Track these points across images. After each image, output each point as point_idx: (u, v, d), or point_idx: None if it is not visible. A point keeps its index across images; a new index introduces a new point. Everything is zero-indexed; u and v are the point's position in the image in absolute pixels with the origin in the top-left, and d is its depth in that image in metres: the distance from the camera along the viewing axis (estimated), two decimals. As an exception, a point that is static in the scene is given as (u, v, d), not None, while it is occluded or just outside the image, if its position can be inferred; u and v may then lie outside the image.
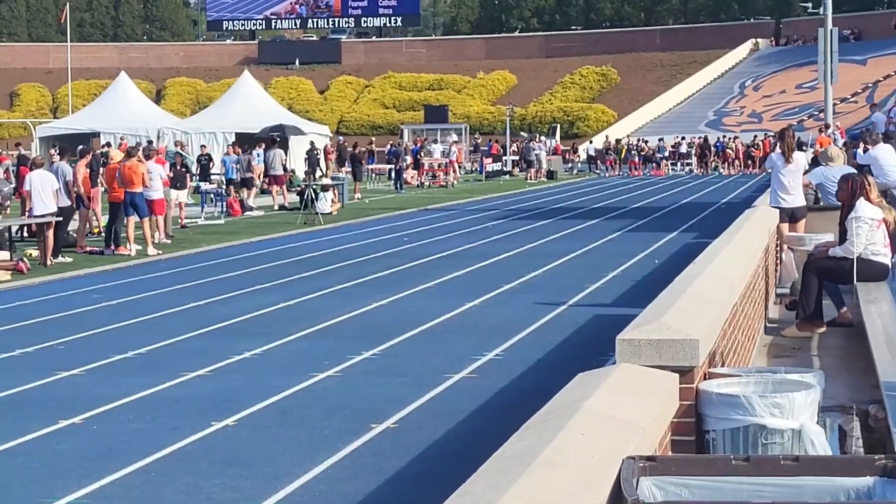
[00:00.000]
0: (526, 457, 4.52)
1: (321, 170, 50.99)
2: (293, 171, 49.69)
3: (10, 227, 25.96)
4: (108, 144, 34.31)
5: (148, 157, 31.26)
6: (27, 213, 26.46)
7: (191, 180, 39.68)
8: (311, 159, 48.12)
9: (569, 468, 4.46)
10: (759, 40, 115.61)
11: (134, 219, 27.66)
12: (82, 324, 17.26)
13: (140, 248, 27.94)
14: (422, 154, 62.09)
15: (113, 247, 27.21)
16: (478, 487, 4.26)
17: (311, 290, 20.49)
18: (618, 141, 79.80)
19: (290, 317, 17.66)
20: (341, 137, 70.75)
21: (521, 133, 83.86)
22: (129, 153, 28.82)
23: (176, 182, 33.93)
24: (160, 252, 26.87)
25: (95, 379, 13.36)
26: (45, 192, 25.63)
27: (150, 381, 13.03)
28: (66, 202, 26.80)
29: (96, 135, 57.60)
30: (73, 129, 59.79)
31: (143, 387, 12.73)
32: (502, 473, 4.35)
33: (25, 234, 29.29)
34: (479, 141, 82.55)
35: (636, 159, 74.20)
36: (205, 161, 45.70)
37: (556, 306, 18.06)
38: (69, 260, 25.79)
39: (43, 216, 25.36)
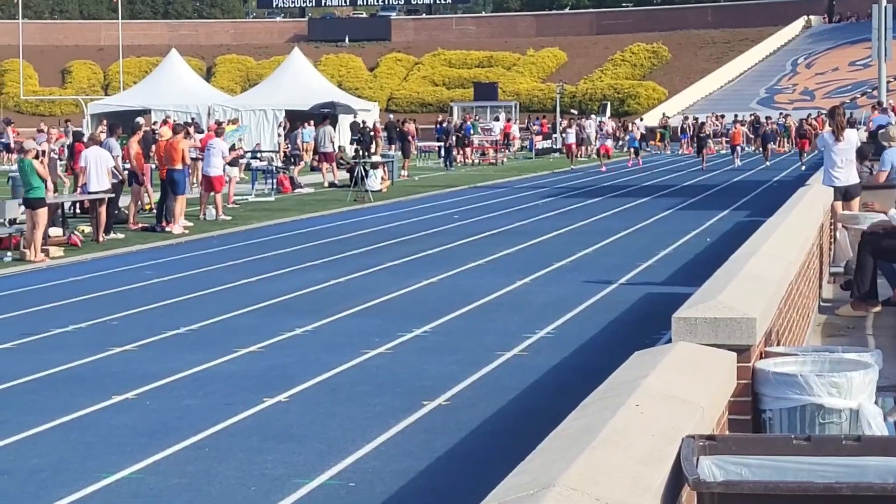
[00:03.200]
0: (585, 435, 4.49)
1: (375, 146, 51.00)
2: (342, 149, 49.73)
3: (63, 204, 26.09)
4: (165, 121, 34.33)
5: (218, 135, 31.41)
6: (80, 190, 26.60)
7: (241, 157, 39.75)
8: (365, 137, 48.09)
9: (628, 447, 4.42)
10: (812, 17, 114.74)
11: (185, 195, 27.77)
12: (134, 300, 17.34)
13: (191, 224, 28.08)
14: (479, 130, 62.01)
15: (164, 223, 27.30)
16: (536, 465, 4.23)
17: (361, 267, 20.51)
18: (666, 118, 79.39)
19: (341, 294, 17.68)
20: (391, 115, 70.63)
21: (572, 111, 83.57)
22: (175, 130, 28.92)
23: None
24: (186, 231, 26.87)
25: (148, 355, 13.42)
26: (99, 168, 25.75)
27: (203, 356, 13.09)
28: (115, 178, 26.88)
29: (147, 112, 57.73)
30: (123, 106, 59.97)
31: (195, 363, 12.78)
32: (561, 451, 4.32)
33: (78, 210, 29.44)
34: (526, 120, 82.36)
35: (686, 137, 73.73)
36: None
37: (606, 284, 18.00)
38: (121, 236, 25.91)
39: (96, 193, 25.49)
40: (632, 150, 56.86)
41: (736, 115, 71.04)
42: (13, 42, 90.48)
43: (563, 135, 60.12)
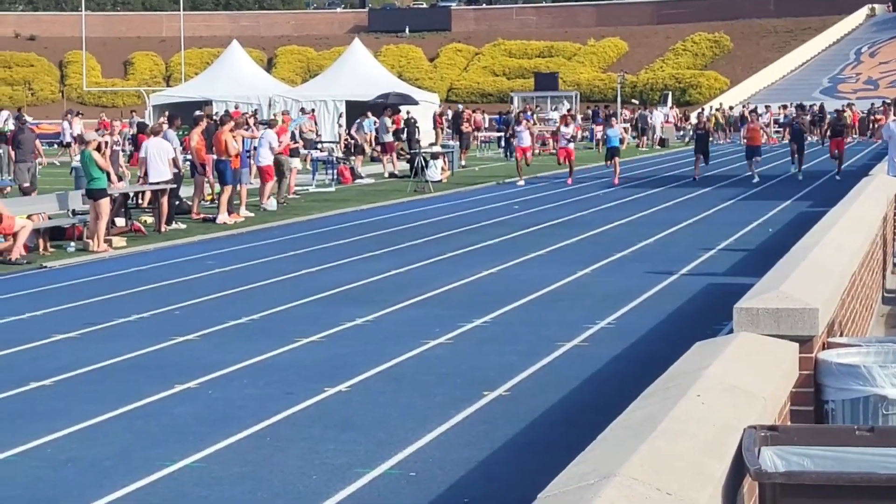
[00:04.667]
0: (646, 425, 4.48)
1: (436, 137, 50.99)
2: (401, 139, 49.77)
3: (126, 194, 26.28)
4: (227, 112, 34.54)
5: (271, 126, 31.57)
6: (142, 180, 26.79)
7: (304, 148, 39.87)
8: (409, 129, 48.03)
9: (690, 437, 4.41)
10: (876, 6, 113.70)
11: (247, 186, 27.92)
12: (196, 290, 17.45)
13: (252, 214, 28.22)
14: (535, 120, 61.87)
15: (229, 213, 27.43)
16: (597, 455, 4.23)
17: (421, 257, 20.54)
18: (731, 108, 78.91)
19: (401, 284, 17.71)
20: (461, 105, 70.56)
21: (633, 101, 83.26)
22: (222, 121, 29.09)
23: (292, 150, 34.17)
24: (227, 221, 26.96)
25: (210, 344, 13.50)
26: (160, 159, 25.92)
27: (264, 346, 13.15)
28: (175, 169, 27.00)
29: (208, 103, 58.08)
30: (185, 97, 60.37)
31: (256, 352, 12.84)
32: (622, 441, 4.31)
33: (140, 201, 29.64)
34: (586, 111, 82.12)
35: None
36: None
37: (668, 275, 17.93)
38: (183, 227, 26.08)
39: (157, 183, 25.67)
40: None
41: (745, 106, 67.30)
42: (76, 34, 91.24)
43: (514, 139, 42.26)
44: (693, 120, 76.22)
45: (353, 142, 46.55)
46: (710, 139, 48.00)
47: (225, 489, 8.28)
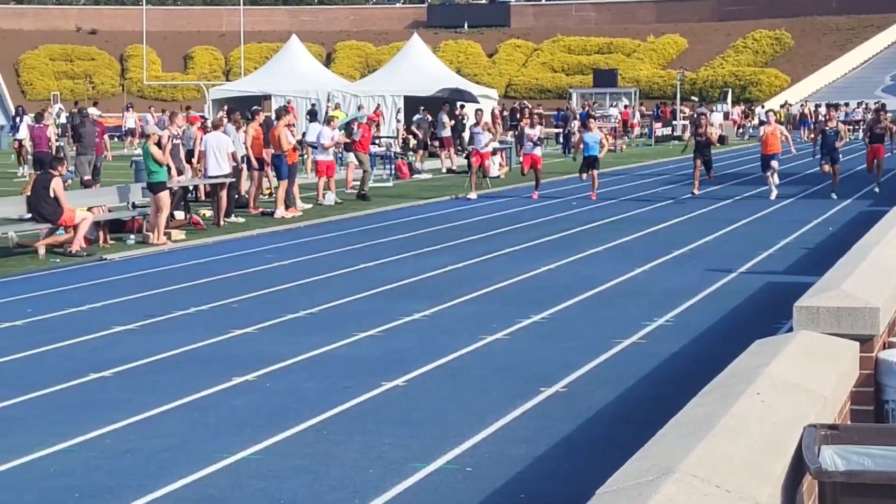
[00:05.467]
0: (705, 422, 4.47)
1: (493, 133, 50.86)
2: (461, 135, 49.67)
3: (186, 188, 26.42)
4: (283, 107, 34.69)
5: (328, 122, 31.68)
6: (201, 174, 26.93)
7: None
8: (457, 126, 47.93)
9: (749, 435, 4.39)
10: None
11: (299, 179, 28.06)
12: (255, 283, 17.53)
13: (309, 207, 28.31)
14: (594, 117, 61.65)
15: (285, 207, 27.54)
16: (656, 452, 4.22)
17: (479, 253, 20.54)
18: (789, 105, 78.37)
19: (459, 279, 17.72)
20: (526, 102, 70.40)
21: (692, 98, 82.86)
22: (277, 115, 29.19)
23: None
24: (284, 216, 27.03)
25: (268, 337, 13.56)
26: (219, 153, 26.04)
27: (322, 340, 13.20)
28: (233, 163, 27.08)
29: (267, 97, 58.24)
30: (244, 91, 60.50)
31: (314, 346, 12.89)
32: (681, 438, 4.30)
33: (200, 194, 29.79)
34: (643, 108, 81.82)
35: (810, 125, 72.73)
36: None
37: (726, 273, 17.84)
38: (241, 220, 26.19)
39: (216, 177, 25.80)
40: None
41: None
42: (137, 28, 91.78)
43: (470, 144, 36.89)
44: (757, 118, 75.71)
45: (410, 137, 46.59)
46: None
47: (282, 482, 8.32)
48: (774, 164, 30.97)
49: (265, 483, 8.30)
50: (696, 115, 42.12)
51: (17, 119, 43.40)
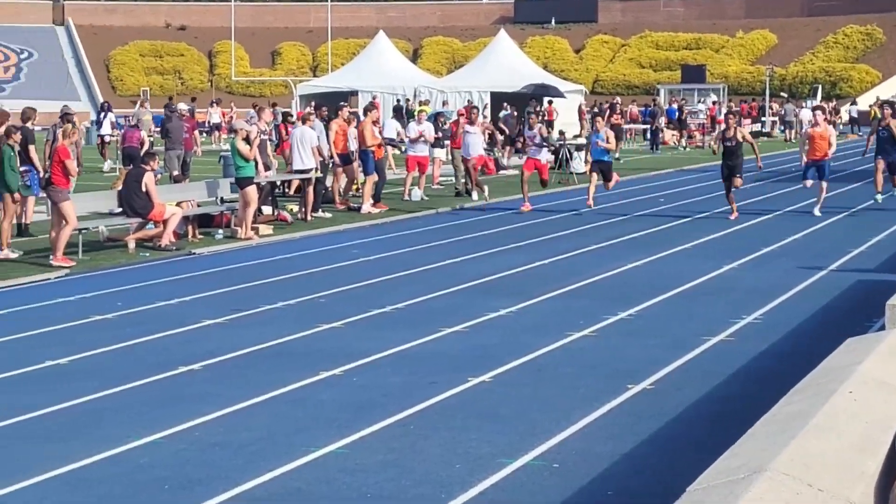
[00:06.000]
0: (796, 421, 4.42)
1: (568, 131, 50.69)
2: (549, 131, 49.57)
3: (273, 183, 26.57)
4: (371, 103, 34.86)
5: (413, 116, 31.74)
6: (288, 169, 27.06)
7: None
8: (507, 123, 47.69)
9: (841, 433, 4.34)
10: None
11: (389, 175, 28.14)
12: (342, 278, 17.59)
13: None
14: (685, 114, 61.29)
15: (372, 202, 27.62)
16: (747, 450, 4.18)
17: (564, 249, 20.49)
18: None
19: (544, 276, 17.69)
20: (618, 98, 70.11)
21: (781, 94, 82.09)
22: (366, 111, 29.28)
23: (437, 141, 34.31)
24: (371, 211, 27.06)
25: (355, 332, 13.61)
26: (304, 148, 26.16)
27: (408, 335, 13.22)
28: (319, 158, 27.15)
29: (354, 93, 58.49)
30: (331, 87, 60.79)
31: (400, 341, 12.92)
32: (772, 437, 4.26)
33: (287, 190, 29.94)
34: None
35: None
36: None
37: (816, 270, 17.66)
38: (328, 216, 26.29)
39: (301, 171, 25.93)
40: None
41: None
42: (226, 24, 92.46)
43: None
44: (845, 115, 74.89)
45: (497, 133, 46.54)
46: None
47: (369, 476, 8.34)
48: (823, 184, 25.58)
49: (352, 477, 8.33)
50: (724, 115, 31.09)
51: (102, 115, 43.80)
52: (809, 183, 25.64)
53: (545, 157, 28.64)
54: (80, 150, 26.92)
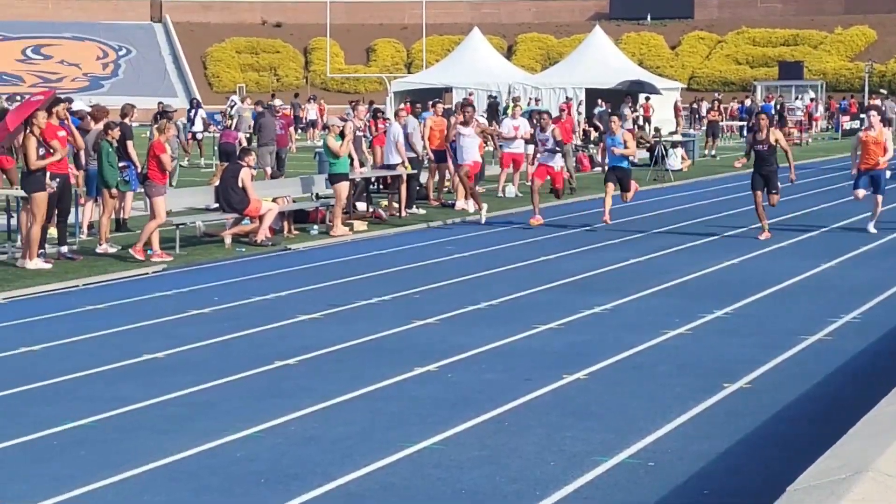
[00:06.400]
0: (900, 422, 4.36)
1: (676, 126, 50.51)
2: (641, 127, 49.40)
3: (368, 179, 26.67)
4: (465, 100, 34.93)
5: (506, 112, 31.75)
6: (380, 166, 27.14)
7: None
8: (602, 120, 47.32)
9: (946, 435, 4.28)
10: None
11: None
12: (436, 274, 17.62)
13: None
14: (785, 112, 60.72)
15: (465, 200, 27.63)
16: (848, 450, 4.14)
17: (660, 247, 20.38)
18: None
19: (640, 273, 17.60)
20: (718, 93, 69.53)
21: (881, 91, 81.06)
22: (460, 106, 29.30)
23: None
24: (465, 207, 27.03)
25: (449, 328, 13.63)
26: (396, 144, 26.20)
27: (503, 332, 13.22)
28: (411, 154, 27.17)
29: (448, 90, 58.61)
30: (425, 83, 60.98)
31: (495, 337, 12.92)
32: (874, 437, 4.21)
33: (382, 185, 30.04)
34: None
35: None
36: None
37: (916, 269, 17.44)
38: (422, 212, 26.34)
39: (392, 167, 25.99)
40: None
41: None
42: (321, 21, 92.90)
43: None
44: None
45: (591, 129, 46.42)
46: None
47: (464, 472, 8.35)
48: (860, 193, 22.60)
49: (447, 473, 8.34)
50: (756, 115, 27.15)
51: (192, 112, 44.15)
52: (861, 194, 22.37)
53: (558, 163, 25.01)
54: (186, 144, 27.33)
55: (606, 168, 24.57)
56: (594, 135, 45.18)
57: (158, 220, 19.39)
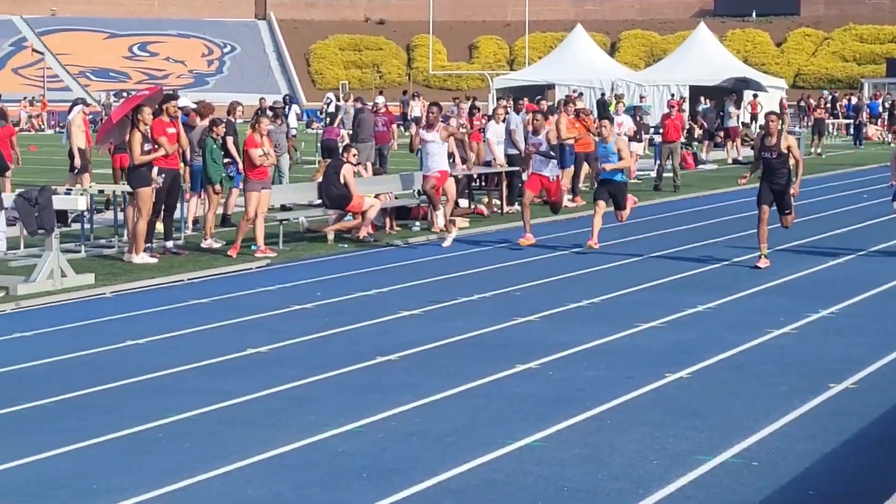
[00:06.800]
0: None
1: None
2: (746, 125, 48.90)
3: (470, 176, 26.68)
4: (568, 97, 34.82)
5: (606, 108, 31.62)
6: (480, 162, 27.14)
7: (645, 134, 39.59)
8: (706, 117, 46.77)
9: None
10: None
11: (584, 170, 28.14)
12: (537, 271, 17.60)
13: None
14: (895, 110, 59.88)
15: (571, 196, 27.59)
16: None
17: (765, 245, 20.15)
18: None
19: (744, 272, 17.45)
20: (830, 91, 68.70)
21: None
22: (563, 103, 29.26)
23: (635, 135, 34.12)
24: (567, 205, 26.89)
25: (550, 326, 13.61)
26: (495, 142, 26.20)
27: (604, 330, 13.17)
28: (513, 151, 27.11)
29: (551, 87, 58.44)
30: (528, 80, 60.84)
31: (596, 335, 12.87)
32: None
33: (484, 182, 30.03)
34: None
35: None
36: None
37: None
38: (525, 209, 26.27)
39: (490, 164, 25.98)
40: None
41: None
42: (424, 18, 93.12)
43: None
44: None
45: (696, 127, 46.06)
46: None
47: (565, 469, 8.32)
48: None
49: (548, 470, 8.32)
50: (766, 114, 19.17)
51: (286, 108, 44.38)
52: None
53: (553, 171, 20.92)
54: (292, 141, 27.67)
55: (596, 182, 21.14)
56: (698, 132, 44.81)
57: (247, 216, 19.50)
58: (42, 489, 8.01)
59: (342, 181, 21.16)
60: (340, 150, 23.34)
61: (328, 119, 38.70)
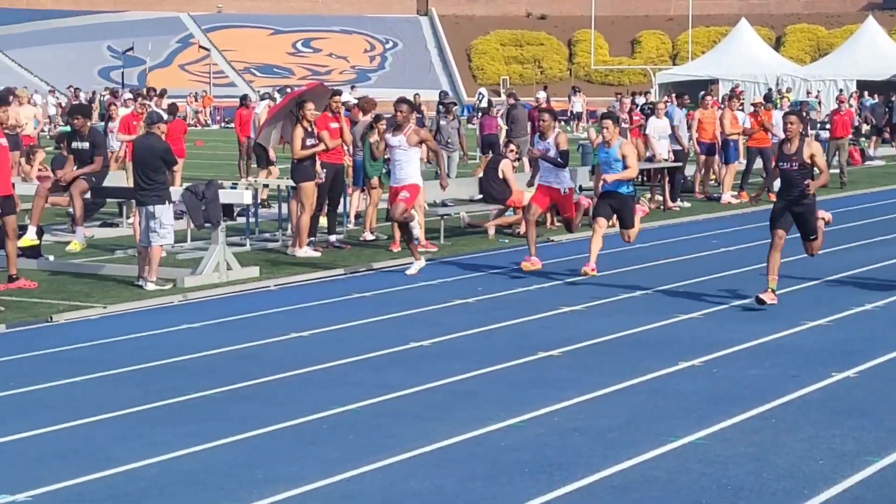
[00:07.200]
0: None
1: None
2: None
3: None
4: (734, 90, 34.46)
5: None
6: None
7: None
8: (875, 112, 45.72)
9: None
10: None
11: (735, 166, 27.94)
12: (700, 268, 17.48)
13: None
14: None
15: (736, 192, 27.30)
16: None
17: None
18: None
19: (916, 270, 17.11)
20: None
21: None
22: (728, 98, 29.00)
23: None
24: (731, 201, 26.56)
25: (714, 322, 13.49)
26: (657, 138, 26.00)
27: (769, 328, 13.01)
28: (676, 147, 26.85)
29: (714, 82, 57.90)
30: (691, 75, 60.39)
31: (760, 333, 12.72)
32: None
33: (645, 178, 29.84)
34: None
35: None
36: None
37: None
38: (687, 205, 26.08)
39: (657, 161, 25.78)
40: None
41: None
42: (586, 13, 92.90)
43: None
44: None
45: (863, 123, 45.28)
46: None
47: (728, 468, 8.23)
48: None
49: (711, 468, 8.23)
50: (784, 115, 16.33)
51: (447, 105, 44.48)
52: None
53: (564, 182, 17.40)
54: (463, 138, 27.90)
55: (597, 196, 18.10)
56: (866, 128, 44.08)
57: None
58: (209, 477, 8.15)
59: (501, 176, 21.19)
60: (501, 145, 23.36)
61: (479, 114, 38.74)
